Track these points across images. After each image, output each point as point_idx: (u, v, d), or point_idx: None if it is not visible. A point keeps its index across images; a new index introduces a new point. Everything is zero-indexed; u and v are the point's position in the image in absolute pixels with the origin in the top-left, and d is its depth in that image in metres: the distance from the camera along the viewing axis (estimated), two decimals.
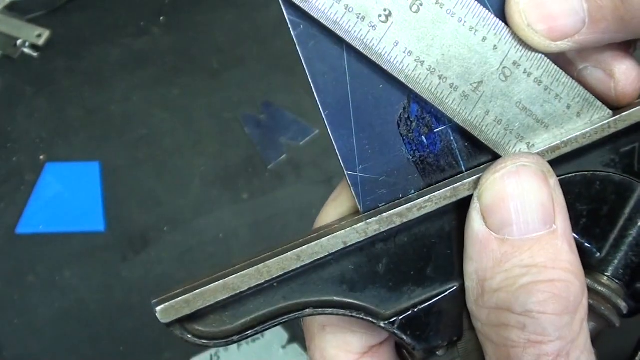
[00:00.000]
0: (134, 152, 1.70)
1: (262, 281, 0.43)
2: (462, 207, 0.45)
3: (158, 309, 0.42)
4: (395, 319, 0.46)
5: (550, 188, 0.43)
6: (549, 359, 0.41)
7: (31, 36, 1.86)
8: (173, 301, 0.42)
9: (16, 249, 1.57)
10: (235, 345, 1.42)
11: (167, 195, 1.64)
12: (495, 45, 0.44)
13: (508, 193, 0.43)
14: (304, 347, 1.37)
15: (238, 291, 0.43)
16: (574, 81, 0.47)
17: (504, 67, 0.45)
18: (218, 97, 1.77)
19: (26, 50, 1.85)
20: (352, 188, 0.45)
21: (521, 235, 0.42)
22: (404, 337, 0.47)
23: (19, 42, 1.85)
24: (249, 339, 1.38)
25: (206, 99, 1.77)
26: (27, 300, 1.50)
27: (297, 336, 1.41)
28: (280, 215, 1.58)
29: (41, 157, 1.69)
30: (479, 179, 0.44)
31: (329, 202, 0.52)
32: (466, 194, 0.45)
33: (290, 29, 0.42)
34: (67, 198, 1.64)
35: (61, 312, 1.48)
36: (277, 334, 1.41)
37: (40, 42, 1.85)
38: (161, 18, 1.92)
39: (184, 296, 0.42)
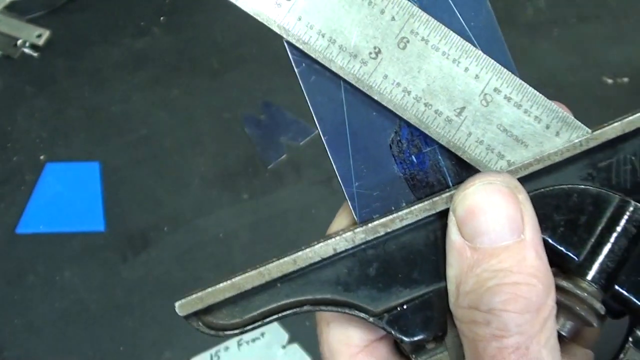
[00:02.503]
0: (134, 152, 1.74)
1: (264, 282, 0.51)
2: (444, 217, 0.51)
3: (176, 304, 0.50)
4: (384, 315, 0.53)
5: (518, 202, 0.49)
6: (509, 351, 0.46)
7: (31, 36, 1.89)
8: (189, 298, 0.50)
9: (16, 249, 1.61)
10: (235, 345, 1.46)
11: (167, 195, 1.68)
12: (477, 75, 0.51)
13: (477, 207, 0.49)
14: (304, 347, 1.45)
15: (243, 290, 0.50)
16: (552, 103, 0.52)
17: (485, 94, 0.51)
18: (218, 97, 1.81)
19: (26, 50, 1.89)
20: (349, 202, 0.53)
21: (491, 244, 0.48)
22: (392, 331, 0.53)
23: (19, 42, 1.89)
24: (250, 339, 1.44)
25: (206, 99, 1.82)
26: (27, 300, 1.54)
27: (297, 336, 1.46)
28: (280, 215, 1.62)
29: (41, 157, 1.73)
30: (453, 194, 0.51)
31: (339, 213, 0.58)
32: (444, 207, 0.51)
33: (294, 67, 0.51)
34: (67, 198, 1.67)
35: (61, 312, 1.52)
36: (277, 334, 1.46)
37: (40, 42, 1.89)
38: (161, 18, 1.97)
39: (198, 294, 0.50)
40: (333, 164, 0.52)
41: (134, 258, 1.58)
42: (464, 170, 0.54)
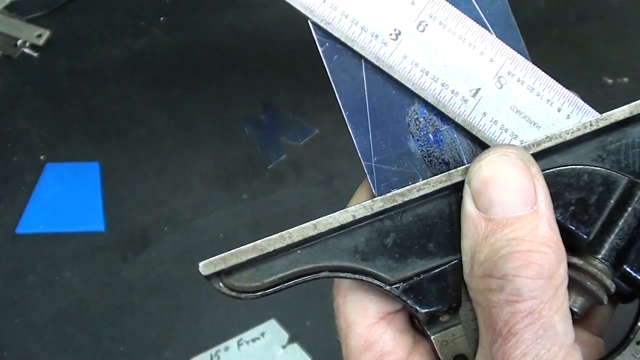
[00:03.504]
0: (134, 152, 1.74)
1: (285, 245, 0.53)
2: (459, 191, 0.54)
3: (200, 263, 0.53)
4: (399, 284, 0.56)
5: (531, 174, 0.51)
6: (522, 315, 0.48)
7: (31, 36, 1.90)
8: (212, 258, 0.53)
9: (16, 249, 1.61)
10: (235, 345, 1.47)
11: (167, 195, 1.68)
12: (492, 58, 0.54)
13: (491, 178, 0.51)
14: (304, 347, 1.45)
15: (265, 252, 0.53)
16: (564, 88, 0.56)
17: (499, 77, 0.54)
18: (218, 97, 1.82)
19: (26, 50, 1.90)
20: (368, 176, 0.56)
21: (505, 215, 0.50)
22: (407, 300, 0.56)
23: (19, 42, 1.90)
24: (250, 339, 1.46)
25: (206, 99, 1.83)
26: (27, 300, 1.54)
27: (297, 336, 1.46)
28: (280, 216, 1.62)
29: (41, 157, 1.74)
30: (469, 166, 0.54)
31: (358, 191, 0.61)
32: (459, 179, 0.54)
33: (318, 46, 0.54)
34: (67, 198, 1.68)
35: (61, 312, 1.52)
36: (277, 334, 1.47)
37: (40, 42, 1.90)
38: (161, 18, 1.98)
39: (222, 255, 0.53)
40: (353, 138, 0.55)
41: (134, 258, 1.59)
42: (479, 148, 0.57)
